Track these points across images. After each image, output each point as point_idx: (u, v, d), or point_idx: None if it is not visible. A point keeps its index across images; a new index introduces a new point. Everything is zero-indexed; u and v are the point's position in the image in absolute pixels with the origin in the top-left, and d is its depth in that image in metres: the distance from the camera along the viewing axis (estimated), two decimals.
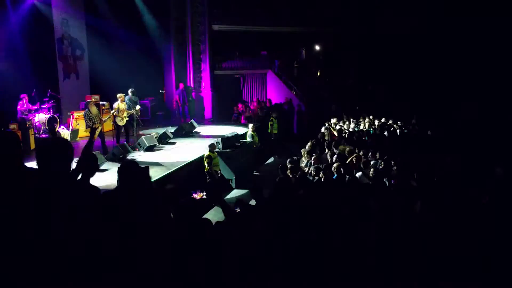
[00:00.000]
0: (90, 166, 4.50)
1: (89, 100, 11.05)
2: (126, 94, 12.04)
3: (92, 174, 4.44)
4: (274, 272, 4.11)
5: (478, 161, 8.34)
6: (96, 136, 10.68)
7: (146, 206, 3.88)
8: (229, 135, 12.46)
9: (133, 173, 3.99)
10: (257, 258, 4.29)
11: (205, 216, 6.23)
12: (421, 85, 20.06)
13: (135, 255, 3.60)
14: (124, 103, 11.53)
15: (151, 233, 4.00)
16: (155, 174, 9.20)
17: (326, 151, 9.74)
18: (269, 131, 15.07)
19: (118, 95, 11.45)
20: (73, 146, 2.99)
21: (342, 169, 7.62)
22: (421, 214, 6.04)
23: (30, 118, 12.35)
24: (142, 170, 4.37)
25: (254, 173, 13.03)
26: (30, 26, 13.27)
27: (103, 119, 10.97)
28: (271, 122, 15.08)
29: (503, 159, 7.87)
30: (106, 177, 8.92)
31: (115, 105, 11.34)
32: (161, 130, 13.58)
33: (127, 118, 11.64)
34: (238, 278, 3.93)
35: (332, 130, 12.85)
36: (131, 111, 11.74)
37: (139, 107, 12.25)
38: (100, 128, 10.69)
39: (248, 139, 13.38)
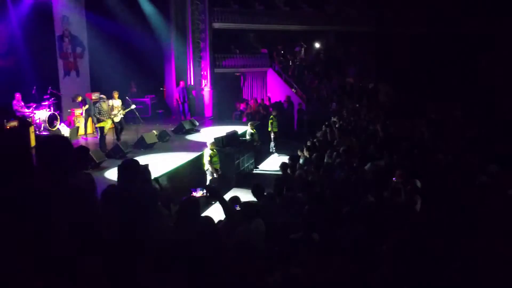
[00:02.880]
0: (82, 158, 4.54)
1: (103, 98, 11.40)
2: (129, 92, 12.21)
3: (85, 166, 4.48)
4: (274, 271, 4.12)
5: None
6: (106, 131, 10.98)
7: (145, 204, 3.90)
8: (229, 133, 12.46)
9: (133, 171, 4.00)
10: (258, 257, 4.30)
11: (205, 213, 6.24)
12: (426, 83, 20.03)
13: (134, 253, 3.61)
14: (119, 100, 11.96)
15: (150, 231, 4.01)
16: (155, 172, 9.19)
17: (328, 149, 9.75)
18: (269, 129, 15.07)
19: (114, 92, 12.00)
20: (71, 143, 3.00)
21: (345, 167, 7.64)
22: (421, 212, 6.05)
23: (31, 115, 12.38)
24: (143, 168, 4.38)
25: (254, 171, 13.06)
26: (31, 23, 13.25)
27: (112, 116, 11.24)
28: (271, 121, 15.07)
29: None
30: (107, 175, 8.95)
31: (110, 102, 11.67)
32: (161, 128, 13.61)
33: (122, 116, 11.89)
34: (238, 277, 3.94)
35: (333, 128, 12.86)
36: (129, 108, 11.92)
37: (134, 106, 12.47)
38: (109, 124, 10.96)
39: (248, 137, 13.38)
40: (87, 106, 12.77)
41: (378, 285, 3.97)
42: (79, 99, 12.90)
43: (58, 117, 13.24)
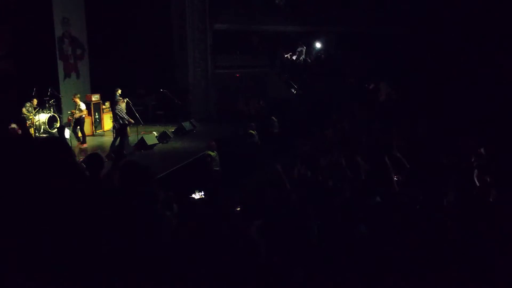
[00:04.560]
0: (95, 164, 4.52)
1: (120, 98, 11.46)
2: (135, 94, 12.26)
3: (99, 173, 4.47)
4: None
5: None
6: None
7: (147, 206, 3.88)
8: (229, 134, 12.45)
9: (134, 174, 3.98)
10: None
11: None
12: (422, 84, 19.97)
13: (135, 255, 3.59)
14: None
15: (151, 232, 4.00)
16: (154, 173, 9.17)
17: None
18: (269, 130, 15.04)
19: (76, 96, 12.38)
20: (69, 145, 3.00)
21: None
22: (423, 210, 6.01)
23: (31, 117, 12.38)
24: (143, 170, 4.36)
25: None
26: (30, 25, 13.25)
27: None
28: (271, 121, 15.06)
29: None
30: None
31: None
32: (161, 129, 13.60)
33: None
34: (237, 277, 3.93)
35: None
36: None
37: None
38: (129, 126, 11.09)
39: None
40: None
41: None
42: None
43: (58, 118, 13.25)
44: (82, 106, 12.33)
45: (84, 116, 12.37)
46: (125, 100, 11.77)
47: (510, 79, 16.67)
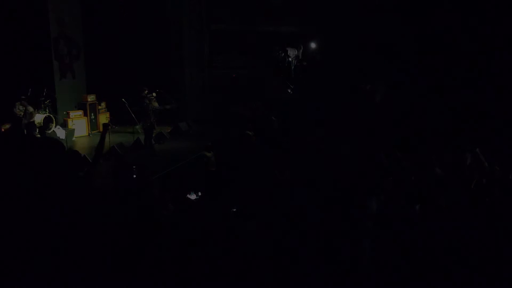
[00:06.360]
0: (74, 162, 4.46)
1: (152, 96, 11.43)
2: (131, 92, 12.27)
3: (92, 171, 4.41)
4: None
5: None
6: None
7: (143, 206, 3.84)
8: (226, 135, 12.41)
9: (129, 173, 3.95)
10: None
11: None
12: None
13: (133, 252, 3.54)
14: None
15: (148, 231, 3.95)
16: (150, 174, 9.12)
17: None
18: (269, 130, 14.97)
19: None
20: (64, 145, 2.96)
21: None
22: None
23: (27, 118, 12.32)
24: (139, 168, 4.32)
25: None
26: (26, 25, 13.17)
27: None
28: (271, 121, 14.99)
29: None
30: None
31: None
32: (157, 130, 13.53)
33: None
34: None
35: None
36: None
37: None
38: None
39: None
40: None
41: None
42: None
43: (54, 119, 13.17)
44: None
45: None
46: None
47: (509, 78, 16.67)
